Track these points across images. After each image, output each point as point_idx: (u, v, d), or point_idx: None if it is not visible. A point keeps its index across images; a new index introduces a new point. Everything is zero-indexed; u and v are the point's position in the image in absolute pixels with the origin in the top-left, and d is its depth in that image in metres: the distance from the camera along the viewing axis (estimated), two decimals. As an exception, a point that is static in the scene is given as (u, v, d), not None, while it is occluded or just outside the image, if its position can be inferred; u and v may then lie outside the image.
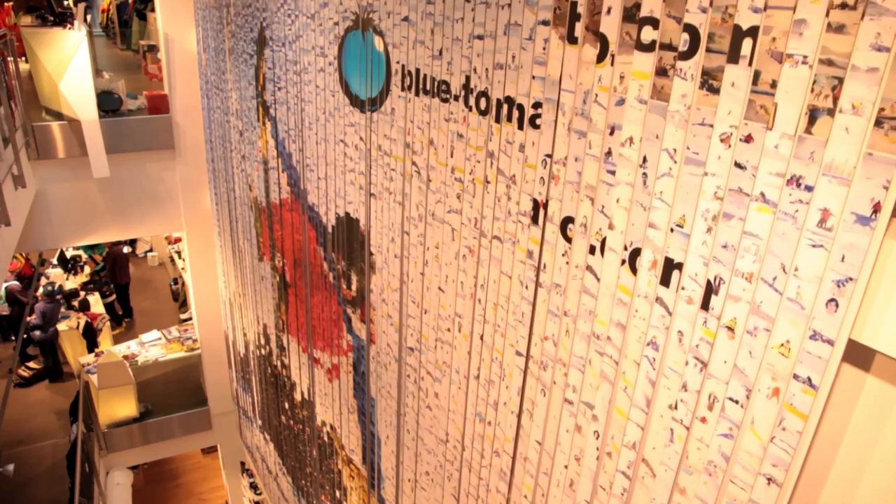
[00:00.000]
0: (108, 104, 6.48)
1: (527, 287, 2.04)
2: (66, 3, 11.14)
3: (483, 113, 2.10)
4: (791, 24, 1.15)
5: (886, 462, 1.19)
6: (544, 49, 1.78)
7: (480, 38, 2.03)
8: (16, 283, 9.63)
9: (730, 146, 1.30)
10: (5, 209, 4.66)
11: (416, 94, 2.48)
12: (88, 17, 11.03)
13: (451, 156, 2.32)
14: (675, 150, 1.43)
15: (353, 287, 3.55)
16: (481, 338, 2.34)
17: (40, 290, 9.04)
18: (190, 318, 8.96)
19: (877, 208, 1.06)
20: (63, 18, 7.03)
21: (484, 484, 2.52)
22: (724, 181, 1.32)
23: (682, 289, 1.46)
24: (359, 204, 3.26)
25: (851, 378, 1.22)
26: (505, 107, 2.00)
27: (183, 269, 9.91)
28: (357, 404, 3.85)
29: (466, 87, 2.16)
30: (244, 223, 5.53)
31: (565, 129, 1.75)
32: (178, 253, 10.96)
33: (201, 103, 6.49)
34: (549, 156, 1.83)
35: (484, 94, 2.07)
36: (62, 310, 9.30)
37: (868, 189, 1.07)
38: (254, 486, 8.09)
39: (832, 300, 1.14)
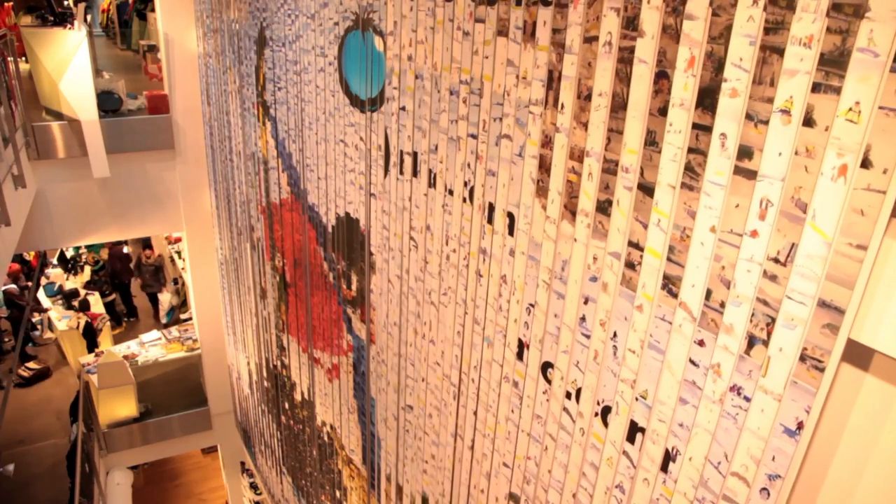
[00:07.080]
0: (108, 104, 6.48)
1: (513, 411, 2.19)
2: (66, 3, 11.13)
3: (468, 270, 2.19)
4: (737, 260, 1.32)
5: (885, 462, 1.19)
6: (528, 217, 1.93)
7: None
8: (13, 286, 9.60)
9: (686, 343, 1.46)
10: (5, 209, 4.66)
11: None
12: (88, 17, 11.02)
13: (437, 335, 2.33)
14: (638, 339, 1.59)
15: (353, 287, 3.55)
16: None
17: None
18: (190, 318, 8.95)
19: (800, 426, 1.24)
20: (63, 18, 7.01)
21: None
22: (681, 373, 1.49)
23: (645, 450, 1.65)
24: (359, 204, 3.26)
25: (850, 377, 1.22)
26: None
27: (183, 269, 9.91)
28: (357, 404, 3.85)
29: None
30: (244, 223, 5.53)
31: (545, 285, 1.90)
32: (178, 253, 10.95)
33: (201, 103, 6.49)
34: (533, 305, 1.97)
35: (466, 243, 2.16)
36: (62, 309, 9.29)
37: (793, 409, 1.25)
38: (254, 486, 8.09)
39: (764, 489, 1.34)
